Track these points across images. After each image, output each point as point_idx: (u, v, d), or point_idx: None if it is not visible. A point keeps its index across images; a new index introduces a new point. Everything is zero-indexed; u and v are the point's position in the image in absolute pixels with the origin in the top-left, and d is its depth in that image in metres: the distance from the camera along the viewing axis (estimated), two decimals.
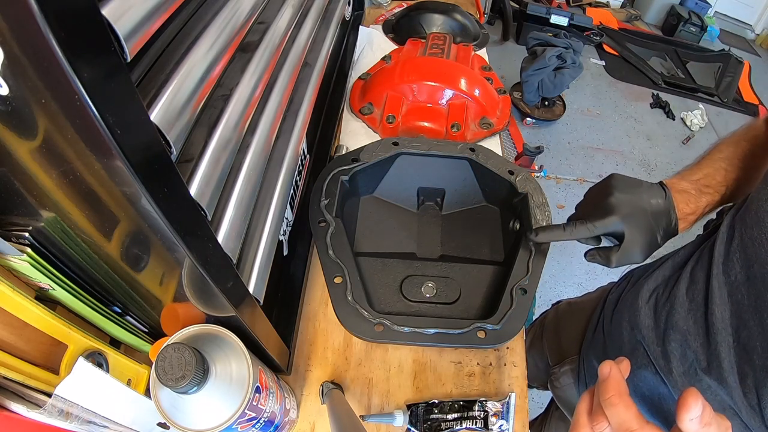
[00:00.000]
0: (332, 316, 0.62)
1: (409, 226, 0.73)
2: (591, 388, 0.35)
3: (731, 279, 0.43)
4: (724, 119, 2.69)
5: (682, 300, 0.48)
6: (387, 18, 1.17)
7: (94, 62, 0.18)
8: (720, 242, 0.46)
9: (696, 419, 0.28)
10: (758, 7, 3.46)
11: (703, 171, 0.52)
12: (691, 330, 0.47)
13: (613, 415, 0.31)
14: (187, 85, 0.30)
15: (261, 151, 0.43)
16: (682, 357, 0.48)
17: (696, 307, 0.47)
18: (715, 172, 0.52)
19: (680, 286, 0.49)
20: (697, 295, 0.47)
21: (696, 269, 0.48)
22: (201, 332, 0.38)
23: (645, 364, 0.52)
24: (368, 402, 0.56)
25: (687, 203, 0.50)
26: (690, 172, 0.53)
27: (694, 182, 0.52)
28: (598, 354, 0.62)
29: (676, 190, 0.51)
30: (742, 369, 0.41)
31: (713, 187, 0.51)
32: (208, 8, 0.38)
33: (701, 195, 0.51)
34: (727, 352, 0.43)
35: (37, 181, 0.27)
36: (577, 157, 2.32)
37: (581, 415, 0.34)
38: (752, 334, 0.40)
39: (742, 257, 0.42)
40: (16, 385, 0.33)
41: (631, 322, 0.55)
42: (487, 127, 0.87)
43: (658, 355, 0.50)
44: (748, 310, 0.41)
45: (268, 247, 0.44)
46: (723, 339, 0.43)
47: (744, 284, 0.42)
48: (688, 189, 0.51)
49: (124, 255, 0.34)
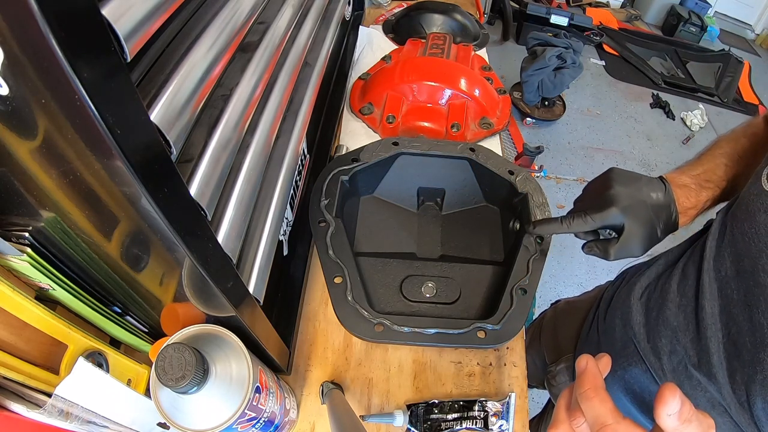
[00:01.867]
0: (332, 316, 0.62)
1: (409, 226, 0.73)
2: (572, 384, 0.34)
3: (721, 274, 0.43)
4: (724, 119, 2.70)
5: (673, 296, 0.48)
6: (387, 18, 1.17)
7: (94, 62, 0.18)
8: (711, 238, 0.46)
9: (674, 415, 0.26)
10: (758, 7, 3.46)
11: (704, 166, 0.52)
12: (681, 325, 0.47)
13: (588, 409, 0.29)
14: (187, 85, 0.30)
15: (261, 151, 0.43)
16: (672, 353, 0.48)
17: (686, 302, 0.47)
18: (716, 167, 0.52)
19: (672, 281, 0.49)
20: (688, 290, 0.47)
21: (688, 265, 0.48)
22: (201, 332, 0.38)
23: (636, 361, 0.52)
24: (368, 402, 0.56)
25: (687, 197, 0.50)
26: (690, 167, 0.53)
27: (695, 177, 0.52)
28: (592, 352, 0.61)
29: (677, 184, 0.51)
30: (731, 365, 0.41)
31: (714, 181, 0.51)
32: (208, 8, 0.38)
33: (702, 189, 0.51)
34: (716, 348, 0.43)
35: (37, 181, 0.27)
36: (577, 157, 2.32)
37: (560, 411, 0.33)
38: (741, 329, 0.40)
39: (733, 252, 0.42)
40: (16, 385, 0.33)
41: (623, 319, 0.55)
42: (487, 127, 0.87)
43: (648, 351, 0.51)
44: (737, 305, 0.41)
45: (268, 247, 0.44)
46: (713, 334, 0.43)
47: (734, 279, 0.42)
48: (689, 183, 0.51)
49: (124, 255, 0.34)
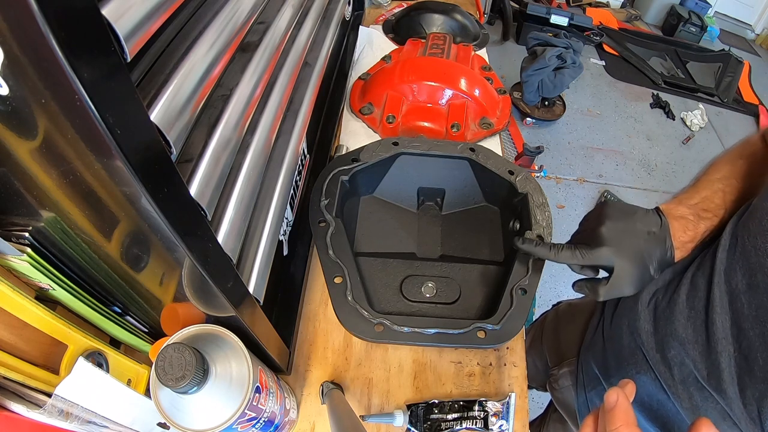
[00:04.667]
0: (332, 316, 0.62)
1: (409, 226, 0.73)
2: (594, 411, 0.33)
3: (732, 287, 0.42)
4: (724, 119, 2.69)
5: (681, 307, 0.47)
6: (387, 18, 1.17)
7: (94, 62, 0.18)
8: (722, 249, 0.44)
9: None
10: (758, 7, 3.46)
11: (701, 194, 0.51)
12: (690, 338, 0.46)
13: None
14: (187, 85, 0.30)
15: (261, 151, 0.43)
16: (681, 365, 0.47)
17: (696, 314, 0.46)
18: (713, 195, 0.50)
19: (680, 292, 0.48)
20: (698, 303, 0.46)
21: (697, 276, 0.47)
22: (201, 332, 0.38)
23: (644, 369, 0.52)
24: (368, 402, 0.56)
25: (685, 231, 0.49)
26: (687, 196, 0.51)
27: (692, 207, 0.50)
28: (596, 357, 0.61)
29: (674, 216, 0.49)
30: (742, 380, 0.41)
31: (712, 210, 0.50)
32: (208, 8, 0.38)
33: (700, 221, 0.49)
34: (727, 363, 0.42)
35: (37, 181, 0.27)
36: (577, 157, 2.32)
37: None
38: (753, 344, 0.39)
39: (745, 266, 0.41)
40: (16, 385, 0.33)
41: (630, 327, 0.54)
42: (487, 127, 0.87)
43: (657, 361, 0.50)
44: (748, 320, 0.40)
45: (268, 247, 0.44)
46: (723, 348, 0.42)
47: (745, 293, 0.41)
48: (686, 215, 0.49)
49: (124, 255, 0.34)
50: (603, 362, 0.59)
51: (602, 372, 0.59)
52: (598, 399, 0.61)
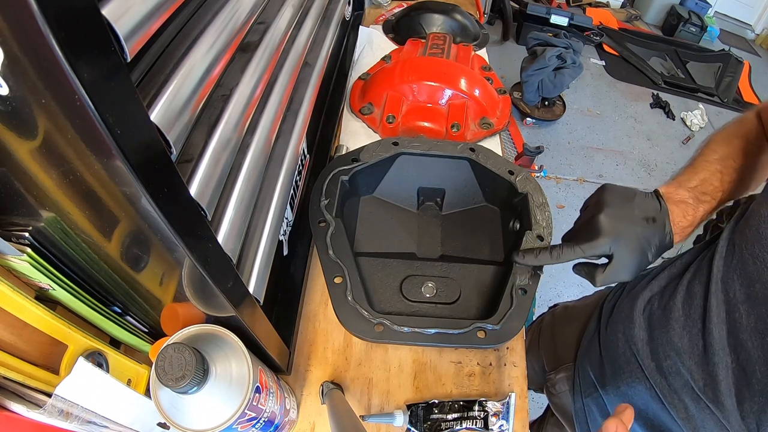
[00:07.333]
0: (332, 316, 0.62)
1: (409, 226, 0.73)
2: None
3: (730, 297, 0.42)
4: (724, 119, 2.69)
5: (677, 315, 0.47)
6: (387, 18, 1.17)
7: (94, 62, 0.18)
8: (719, 256, 0.44)
9: None
10: (758, 7, 3.46)
11: (700, 176, 0.50)
12: (686, 347, 0.45)
13: None
14: (187, 85, 0.30)
15: (261, 151, 0.43)
16: (677, 374, 0.46)
17: (692, 323, 0.45)
18: (712, 176, 0.50)
19: (676, 299, 0.48)
20: (694, 311, 0.45)
21: (693, 283, 0.47)
22: (201, 332, 0.38)
23: (639, 378, 0.51)
24: (368, 402, 0.56)
25: (684, 215, 0.49)
26: (686, 178, 0.51)
27: (692, 190, 0.50)
28: (593, 363, 0.61)
29: (674, 201, 0.49)
30: (740, 392, 0.40)
31: (710, 193, 0.50)
32: (208, 8, 0.38)
33: (699, 204, 0.49)
34: (724, 374, 0.41)
35: (37, 181, 0.27)
36: (577, 157, 2.32)
37: None
38: (751, 356, 0.39)
39: (742, 275, 0.41)
40: (16, 385, 0.33)
41: (625, 334, 0.54)
42: (487, 127, 0.87)
43: (652, 370, 0.49)
44: (746, 331, 0.39)
45: (268, 247, 0.44)
46: (721, 359, 0.41)
47: (743, 303, 0.40)
48: (686, 199, 0.49)
49: (124, 255, 0.34)
50: (599, 369, 0.59)
51: (598, 379, 0.59)
52: (594, 406, 0.60)
